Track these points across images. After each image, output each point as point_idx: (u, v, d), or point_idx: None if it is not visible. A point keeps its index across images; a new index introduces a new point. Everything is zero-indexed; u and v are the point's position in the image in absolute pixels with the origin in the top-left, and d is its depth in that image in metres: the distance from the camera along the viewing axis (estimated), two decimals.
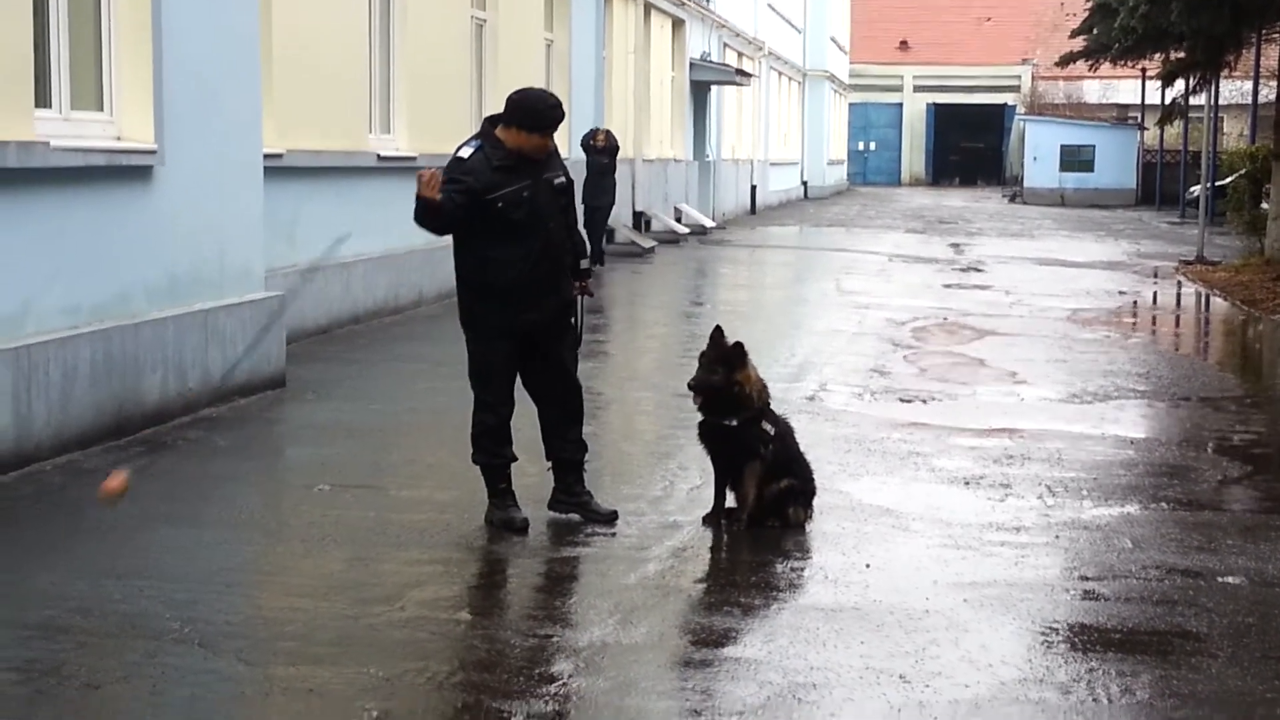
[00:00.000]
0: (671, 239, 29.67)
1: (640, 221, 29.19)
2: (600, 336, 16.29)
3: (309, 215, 15.09)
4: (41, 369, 9.37)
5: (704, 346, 8.41)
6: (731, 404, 8.27)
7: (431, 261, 17.95)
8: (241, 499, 8.91)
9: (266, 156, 12.73)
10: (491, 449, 8.22)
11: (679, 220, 31.76)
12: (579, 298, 8.49)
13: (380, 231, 16.72)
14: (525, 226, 7.97)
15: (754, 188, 43.08)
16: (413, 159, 17.28)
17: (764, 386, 8.48)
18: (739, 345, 8.31)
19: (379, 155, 17.07)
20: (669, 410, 12.22)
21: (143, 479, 9.04)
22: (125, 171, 10.36)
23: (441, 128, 18.15)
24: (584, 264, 8.49)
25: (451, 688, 5.94)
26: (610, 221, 26.03)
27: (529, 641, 6.50)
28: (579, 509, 8.41)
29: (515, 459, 8.32)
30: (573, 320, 8.46)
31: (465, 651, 6.39)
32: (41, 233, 9.44)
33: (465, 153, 8.04)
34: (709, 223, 33.48)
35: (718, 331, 8.41)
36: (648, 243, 27.50)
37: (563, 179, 8.28)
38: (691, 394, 8.35)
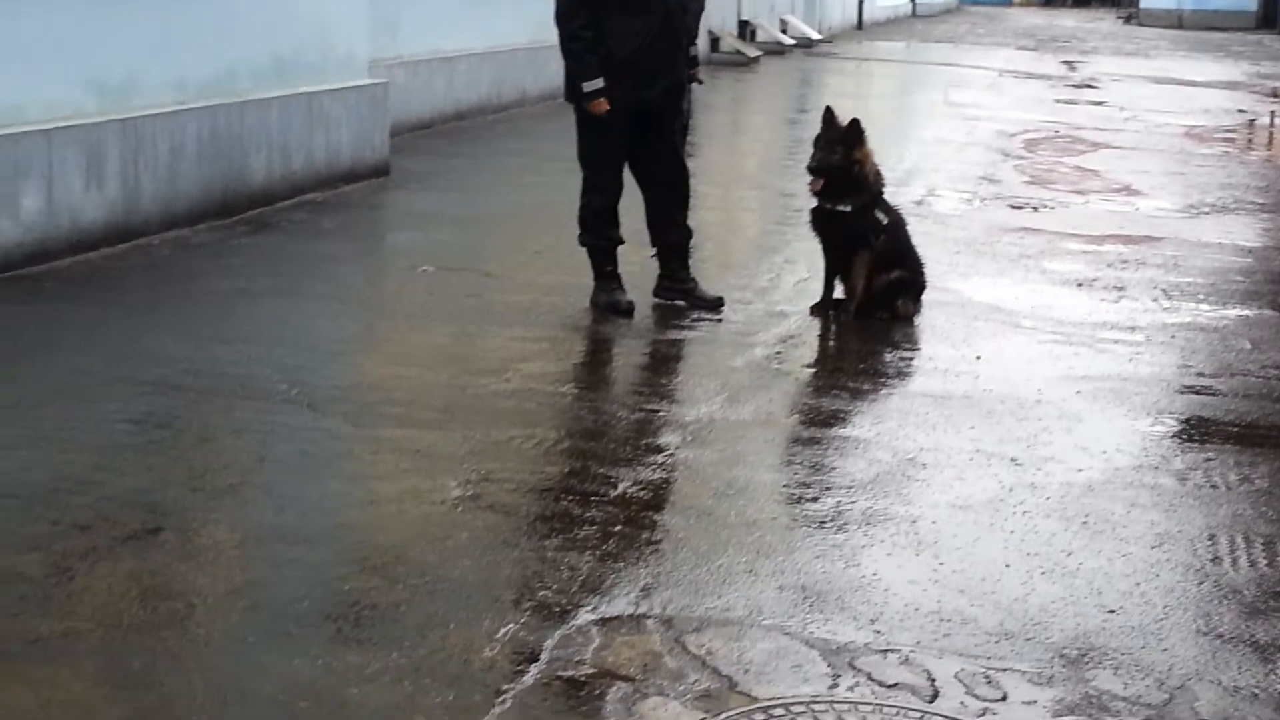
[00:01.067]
0: (777, 50, 29.12)
1: (745, 31, 28.65)
2: (703, 138, 16.05)
3: (412, 8, 14.88)
4: (149, 143, 9.34)
5: (809, 147, 8.21)
6: (849, 185, 8.05)
7: (536, 60, 17.73)
8: (346, 277, 8.90)
9: None
10: (599, 230, 8.10)
11: (784, 31, 31.15)
12: (689, 83, 8.30)
13: (483, 27, 16.50)
14: (644, 1, 7.76)
15: (860, 2, 42.13)
16: None
17: (879, 172, 8.27)
18: (855, 122, 8.08)
19: None
20: (774, 208, 12.07)
21: (249, 255, 9.07)
22: None
23: None
24: (693, 50, 8.27)
25: (558, 454, 5.91)
26: (715, 29, 25.57)
27: (635, 415, 6.45)
28: (684, 295, 8.31)
29: (622, 241, 8.21)
30: (684, 104, 8.27)
31: (571, 421, 6.35)
32: (151, 5, 9.33)
33: None
34: (815, 35, 32.81)
35: (829, 112, 8.19)
36: (753, 52, 26.99)
37: None
38: (810, 177, 8.14)
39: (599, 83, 7.71)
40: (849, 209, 8.06)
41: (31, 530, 4.85)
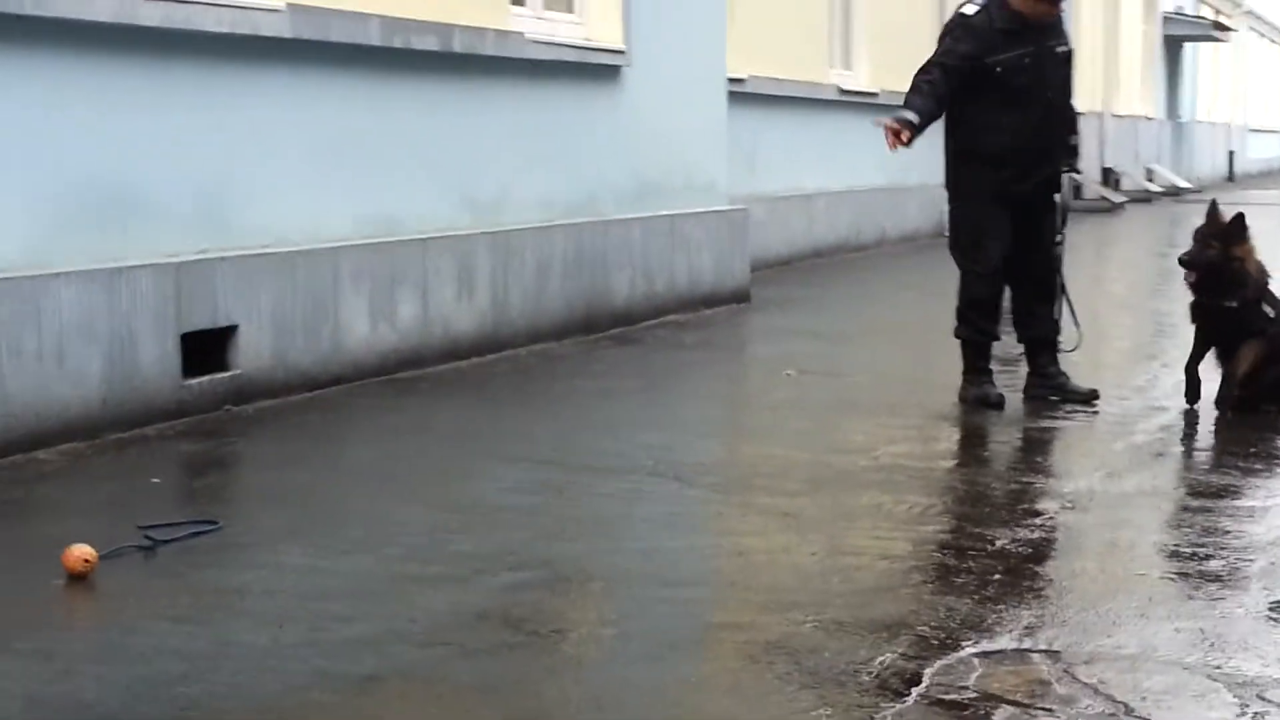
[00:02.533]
0: (1143, 198, 28.51)
1: (1109, 178, 28.15)
2: (1070, 269, 15.66)
3: (769, 143, 15.09)
4: (518, 256, 9.61)
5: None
6: (1227, 282, 7.67)
7: (894, 200, 17.77)
8: (708, 379, 8.97)
9: (729, 80, 12.74)
10: (974, 322, 7.90)
11: (1150, 180, 30.49)
12: (1065, 174, 8.08)
13: (842, 166, 16.59)
14: (1024, 93, 7.62)
15: (1231, 153, 40.97)
16: (873, 95, 17.06)
17: (1262, 267, 7.86)
18: (1239, 218, 7.69)
19: (839, 89, 16.92)
20: (1148, 324, 11.74)
21: (613, 363, 9.20)
22: (594, 70, 10.53)
23: (902, 65, 17.84)
24: (1073, 140, 8.06)
25: (930, 517, 5.73)
26: (1078, 177, 25.15)
27: (1010, 486, 6.24)
28: (1056, 390, 8.02)
29: (999, 338, 7.97)
30: (1057, 197, 8.05)
31: (943, 490, 6.18)
32: (518, 123, 9.67)
33: (969, 10, 7.71)
34: (1183, 184, 32.01)
35: (1213, 206, 7.86)
36: (1118, 198, 26.47)
37: (1066, 48, 7.90)
38: (1184, 270, 7.81)
39: (911, 116, 7.49)
40: (1234, 304, 7.65)
41: (420, 571, 4.92)
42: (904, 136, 7.48)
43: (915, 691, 3.94)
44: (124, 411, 6.87)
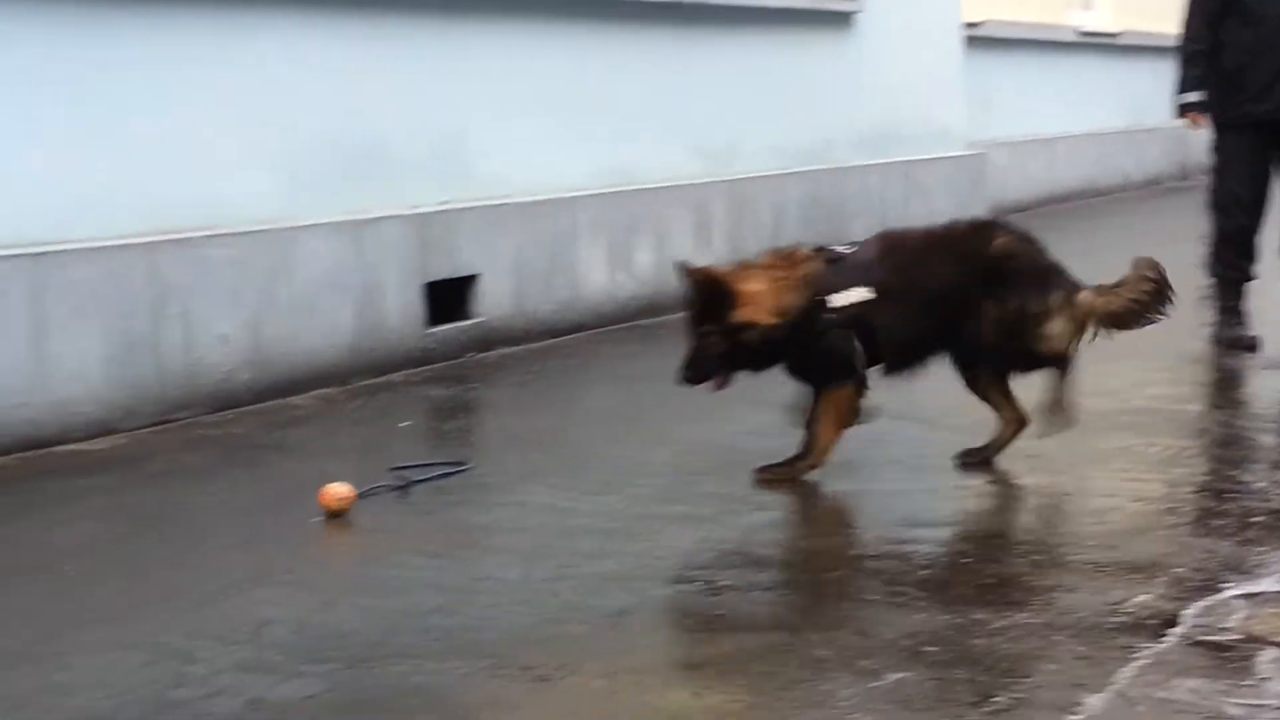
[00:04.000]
0: None
1: None
2: None
3: (1006, 87, 14.78)
4: (751, 204, 9.59)
5: None
6: None
7: (1136, 142, 17.29)
8: None
9: (964, 25, 12.52)
10: (1228, 260, 7.63)
11: None
12: None
13: (1082, 109, 16.19)
14: (1259, 10, 7.38)
15: None
16: (1114, 35, 16.62)
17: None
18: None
19: (1079, 30, 16.50)
20: None
21: None
22: (827, 17, 10.45)
23: (1145, 4, 17.34)
24: None
25: (1184, 458, 5.62)
26: None
27: (1266, 428, 6.05)
28: None
29: (1255, 276, 7.70)
30: None
31: (1197, 433, 6.04)
32: (751, 72, 9.64)
33: None
34: None
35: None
36: None
37: None
38: None
39: (1191, 96, 7.46)
40: None
41: (666, 510, 4.96)
42: (1200, 120, 7.54)
43: (1174, 633, 3.84)
44: (372, 359, 7.05)
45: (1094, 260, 5.98)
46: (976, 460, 5.37)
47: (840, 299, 5.08)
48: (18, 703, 3.40)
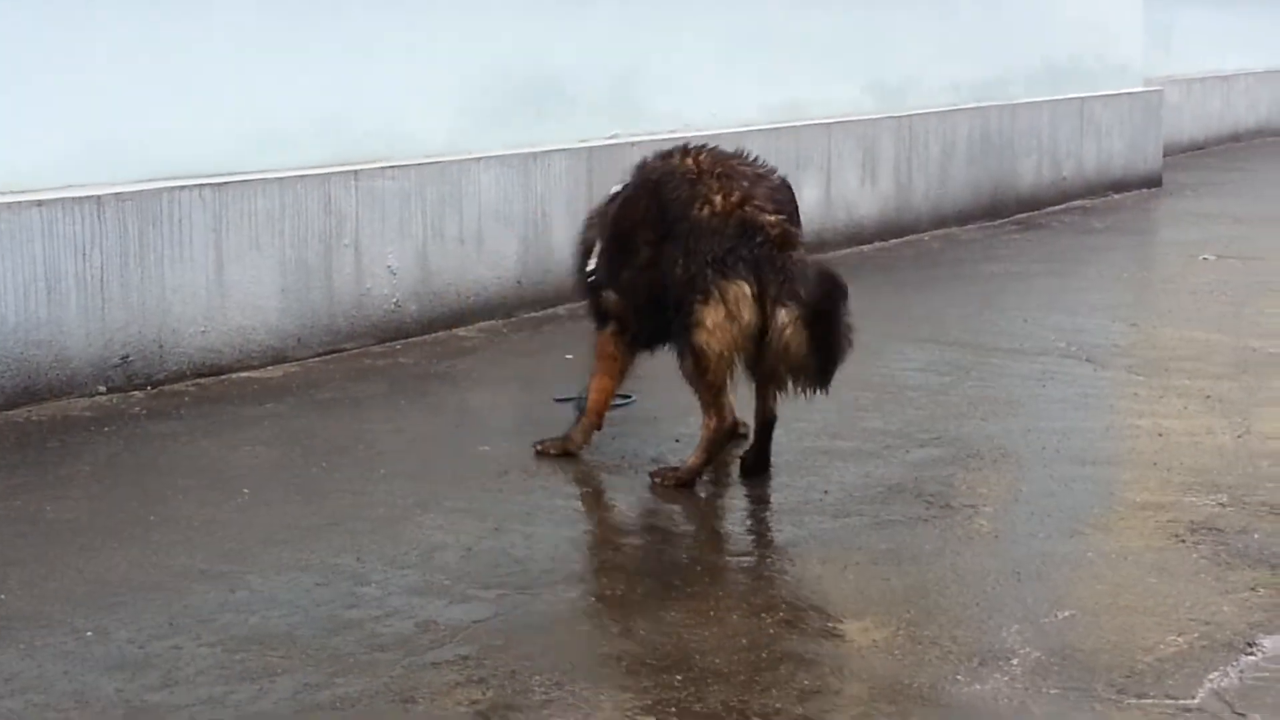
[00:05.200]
0: None
1: None
2: None
3: (1186, 23, 14.39)
4: (921, 142, 9.47)
5: None
6: None
7: None
8: (1120, 262, 8.70)
9: None
10: None
11: None
12: None
13: (1264, 46, 15.73)
14: None
15: None
16: None
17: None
18: None
19: None
20: None
21: (1018, 248, 9.02)
22: None
23: None
24: None
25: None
26: None
27: None
28: None
29: None
30: None
31: None
32: (925, 7, 9.49)
33: None
34: None
35: None
36: None
37: None
38: None
39: None
40: None
41: (831, 445, 4.94)
42: None
43: None
44: (538, 292, 7.09)
45: (1275, 194, 5.77)
46: None
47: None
48: (200, 618, 3.49)
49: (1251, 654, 3.31)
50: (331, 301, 6.29)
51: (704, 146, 4.65)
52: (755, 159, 4.69)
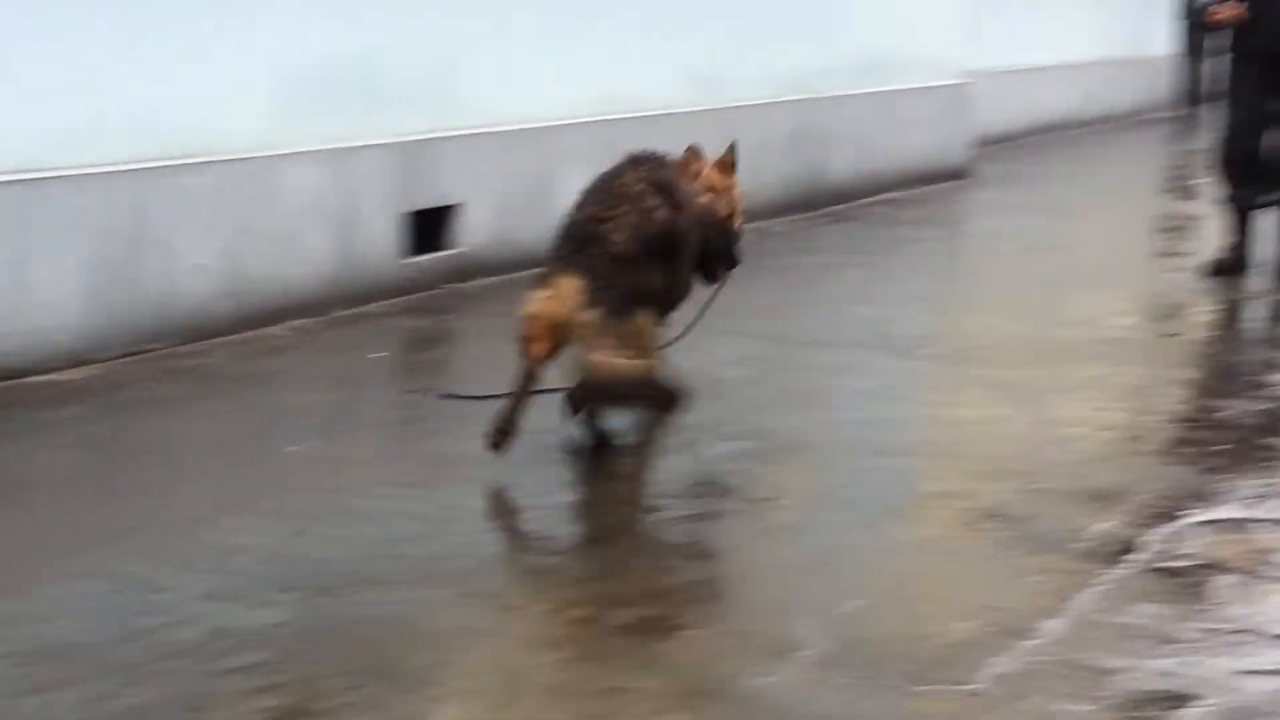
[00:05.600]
0: None
1: None
2: None
3: (994, 17, 14.69)
4: (738, 133, 9.53)
5: None
6: None
7: (1121, 73, 17.22)
8: (928, 253, 8.92)
9: None
10: (1225, 183, 7.69)
11: None
12: None
13: (1068, 40, 16.13)
14: None
15: None
16: None
17: None
18: None
19: None
20: None
21: (831, 240, 9.17)
22: None
23: None
24: None
25: (1154, 388, 5.63)
26: None
27: (1238, 358, 6.17)
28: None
29: (1243, 201, 7.68)
30: None
31: (1168, 363, 6.07)
32: (749, 3, 9.58)
33: None
34: None
35: None
36: None
37: None
38: None
39: None
40: None
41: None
42: (1233, 9, 7.48)
43: (1134, 558, 3.90)
44: (351, 289, 7.04)
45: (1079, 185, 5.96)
46: None
47: None
48: None
49: (1033, 638, 3.42)
50: (137, 301, 6.19)
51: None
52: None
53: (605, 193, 4.77)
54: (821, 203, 10.31)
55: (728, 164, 5.44)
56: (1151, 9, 17.30)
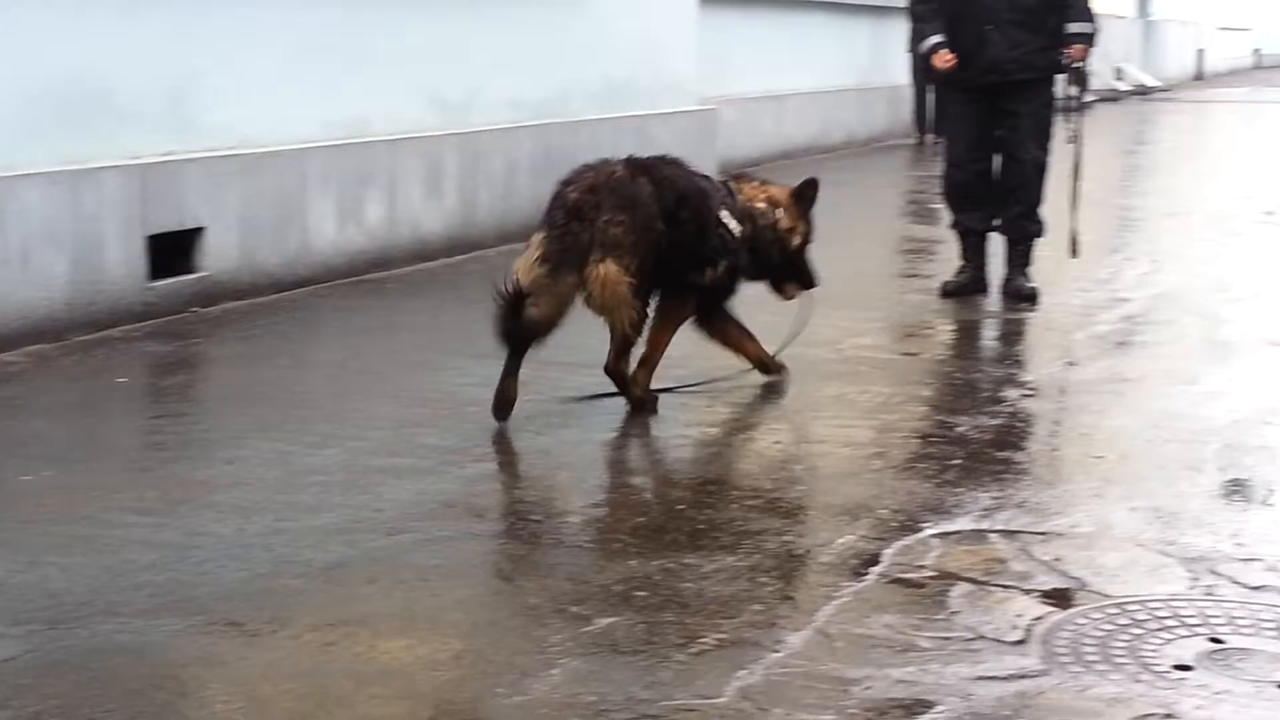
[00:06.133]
0: (1111, 97, 28.39)
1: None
2: None
3: (740, 44, 14.99)
4: (486, 157, 9.58)
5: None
6: None
7: (863, 100, 17.71)
8: None
9: None
10: (951, 207, 7.99)
11: (1119, 80, 30.37)
12: (1073, 66, 7.97)
13: (812, 68, 16.52)
14: None
15: (1200, 52, 40.84)
16: None
17: None
18: None
19: None
20: (1114, 220, 11.71)
21: None
22: None
23: None
24: (1076, 27, 7.89)
25: (892, 405, 5.79)
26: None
27: (973, 375, 6.34)
28: (1004, 285, 8.00)
29: (974, 227, 7.96)
30: (1045, 90, 7.99)
31: (907, 380, 6.25)
32: (487, 23, 9.60)
33: None
34: (1151, 82, 31.92)
35: None
36: (1088, 97, 26.37)
37: None
38: None
39: (934, 39, 7.73)
40: None
41: (387, 463, 4.96)
42: (949, 58, 7.68)
43: (874, 571, 4.00)
44: (90, 313, 6.86)
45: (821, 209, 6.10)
46: None
47: None
48: None
49: (777, 651, 3.48)
50: None
51: None
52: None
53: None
54: None
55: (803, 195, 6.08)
56: (890, 39, 17.80)
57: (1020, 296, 7.80)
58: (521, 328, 5.17)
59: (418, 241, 8.98)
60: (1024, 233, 7.98)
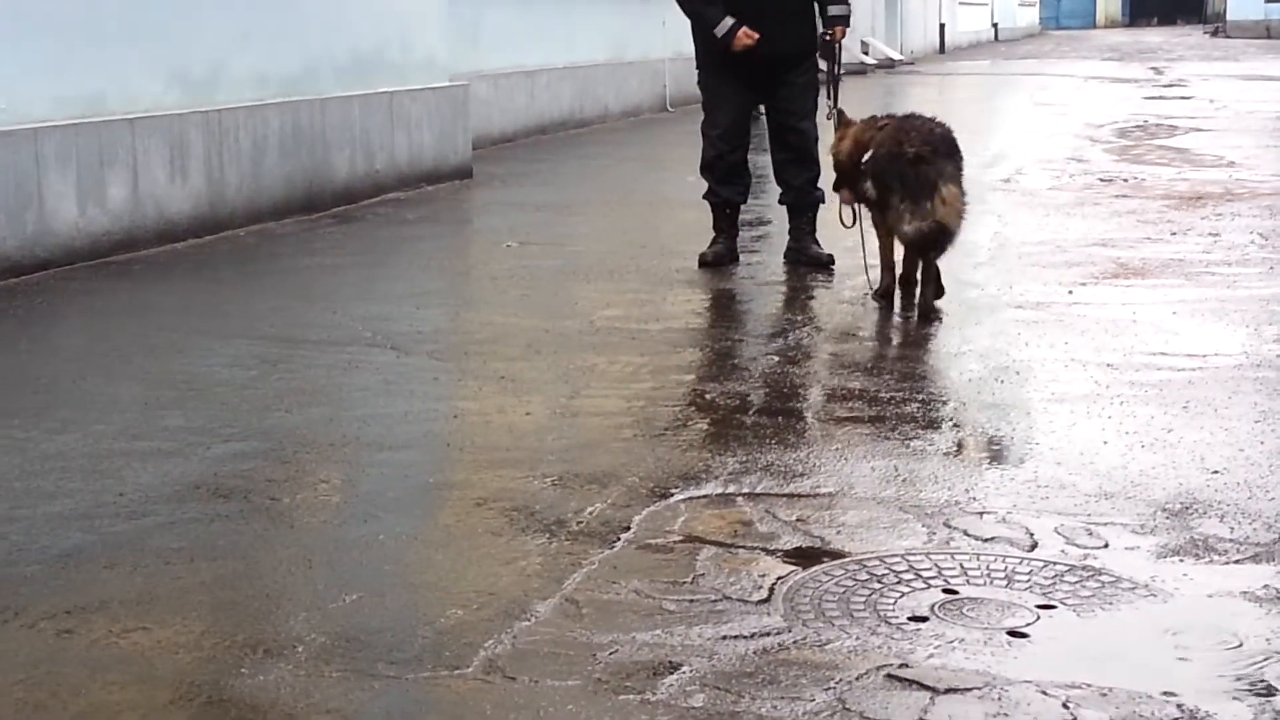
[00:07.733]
0: (858, 70, 29.01)
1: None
2: None
3: (492, 19, 14.97)
4: (232, 136, 9.41)
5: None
6: None
7: (616, 75, 17.83)
8: (431, 251, 8.95)
9: None
10: (710, 182, 8.08)
11: (865, 53, 31.07)
12: (834, 45, 8.14)
13: (564, 43, 16.56)
14: None
15: (943, 26, 41.96)
16: None
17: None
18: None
19: None
20: None
21: (335, 240, 9.12)
22: None
23: None
24: (835, 9, 8.08)
25: (644, 374, 5.85)
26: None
27: (724, 343, 6.43)
28: (799, 252, 8.17)
29: (734, 200, 8.11)
30: (813, 64, 8.16)
31: (658, 350, 6.29)
32: (232, 2, 9.41)
33: None
34: (897, 55, 32.72)
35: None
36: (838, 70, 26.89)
37: None
38: None
39: (729, 22, 7.80)
40: None
41: (130, 446, 4.85)
42: (752, 35, 7.79)
43: (624, 538, 4.05)
44: None
45: (580, 183, 6.12)
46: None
47: None
48: None
49: (526, 619, 3.50)
50: None
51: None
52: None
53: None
54: (325, 204, 10.28)
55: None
56: (648, 14, 17.94)
57: (821, 263, 7.99)
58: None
59: (164, 222, 8.79)
60: (811, 200, 8.16)
